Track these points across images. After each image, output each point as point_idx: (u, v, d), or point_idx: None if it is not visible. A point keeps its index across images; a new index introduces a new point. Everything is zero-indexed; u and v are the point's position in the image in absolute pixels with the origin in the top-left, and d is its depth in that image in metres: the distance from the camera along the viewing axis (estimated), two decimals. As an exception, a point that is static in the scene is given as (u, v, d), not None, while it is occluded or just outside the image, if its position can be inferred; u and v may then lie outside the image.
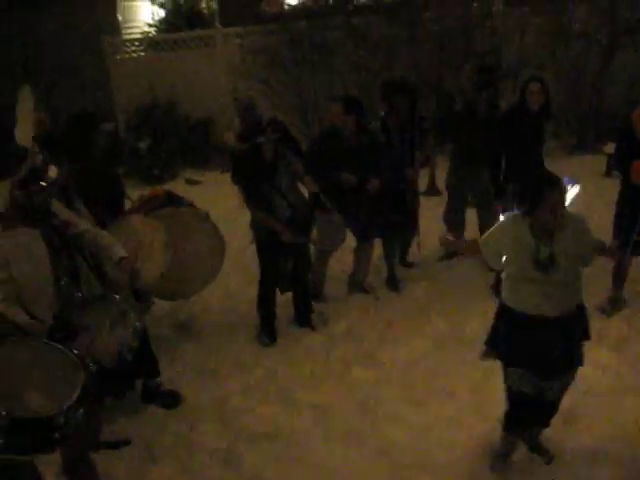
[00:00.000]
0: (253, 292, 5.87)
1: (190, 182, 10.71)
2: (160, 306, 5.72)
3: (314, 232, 5.76)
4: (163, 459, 4.23)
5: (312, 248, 5.77)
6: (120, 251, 3.86)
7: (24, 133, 3.85)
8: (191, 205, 5.53)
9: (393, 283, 6.26)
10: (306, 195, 5.54)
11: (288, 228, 5.18)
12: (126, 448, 4.32)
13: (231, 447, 4.26)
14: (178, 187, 8.86)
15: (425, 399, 4.59)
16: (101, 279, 3.90)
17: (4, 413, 2.89)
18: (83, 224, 3.91)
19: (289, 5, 13.77)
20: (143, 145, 11.22)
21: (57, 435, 3.06)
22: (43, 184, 3.59)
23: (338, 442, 4.24)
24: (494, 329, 3.78)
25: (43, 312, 3.54)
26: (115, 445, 4.31)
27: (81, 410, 3.15)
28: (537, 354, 3.55)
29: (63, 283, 3.60)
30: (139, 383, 4.77)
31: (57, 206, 3.78)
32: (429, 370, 4.93)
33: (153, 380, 4.78)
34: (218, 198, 8.42)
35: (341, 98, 5.92)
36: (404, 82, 6.66)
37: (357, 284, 6.23)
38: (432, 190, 8.15)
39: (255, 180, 5.17)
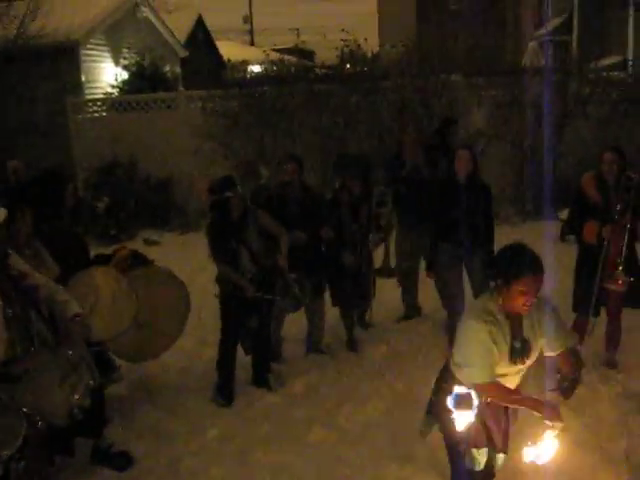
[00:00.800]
0: (209, 352, 5.79)
1: (148, 242, 10.63)
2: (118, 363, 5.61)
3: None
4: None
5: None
6: (75, 307, 3.79)
7: None
8: (152, 262, 5.50)
9: (352, 344, 6.24)
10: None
11: (252, 284, 5.17)
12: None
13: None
14: (136, 247, 8.75)
15: (384, 460, 4.51)
16: (54, 334, 3.80)
17: None
18: (40, 278, 3.84)
19: (252, 72, 14.08)
20: (101, 205, 11.17)
21: None
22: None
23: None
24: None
25: None
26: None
27: (22, 463, 3.01)
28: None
29: (13, 335, 3.49)
30: (89, 443, 4.61)
31: (14, 257, 3.71)
32: (388, 431, 4.86)
33: (104, 441, 4.62)
34: (177, 259, 8.38)
35: (295, 156, 6.19)
36: (357, 156, 6.80)
37: (315, 344, 6.18)
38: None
39: (223, 234, 5.16)
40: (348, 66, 12.47)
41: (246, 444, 4.81)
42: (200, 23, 24.49)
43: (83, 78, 13.86)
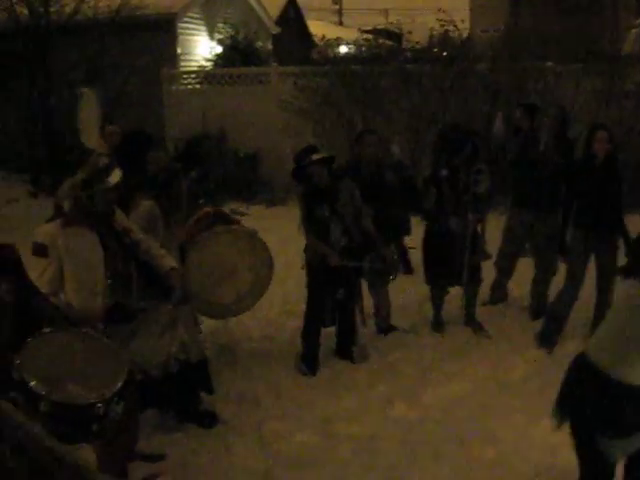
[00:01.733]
0: (293, 324, 5.87)
1: (236, 213, 10.77)
2: (201, 330, 5.74)
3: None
4: (197, 477, 4.18)
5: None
6: (171, 261, 3.91)
7: (87, 135, 3.90)
8: (237, 222, 5.62)
9: (438, 325, 6.18)
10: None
11: (338, 253, 5.19)
12: (160, 463, 4.28)
13: (267, 471, 4.18)
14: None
15: (467, 440, 4.48)
16: (153, 289, 3.93)
17: (45, 395, 2.88)
18: (140, 234, 3.97)
19: (339, 53, 14.05)
20: (192, 174, 11.37)
21: (95, 427, 3.06)
22: (105, 186, 3.66)
23: (377, 475, 4.15)
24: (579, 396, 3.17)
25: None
26: (150, 458, 4.26)
27: (121, 405, 3.13)
28: None
29: (115, 289, 3.63)
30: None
31: (119, 214, 3.85)
32: (472, 412, 4.81)
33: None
34: (264, 230, 8.38)
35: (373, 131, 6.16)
36: (467, 129, 6.60)
37: (384, 319, 6.14)
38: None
39: (313, 202, 5.22)
40: (435, 50, 12.34)
41: (328, 414, 4.85)
42: (292, 1, 24.57)
43: (179, 50, 14.12)
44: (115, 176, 3.79)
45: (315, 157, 5.25)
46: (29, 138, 12.53)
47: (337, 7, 36.71)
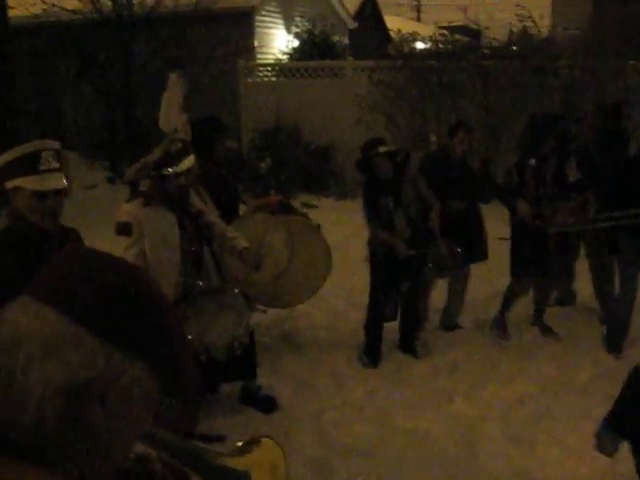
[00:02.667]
0: (357, 316, 5.87)
1: (306, 205, 10.86)
2: (266, 316, 5.82)
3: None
4: (255, 458, 4.24)
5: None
6: (243, 243, 3.98)
7: (166, 119, 3.97)
8: (304, 215, 5.63)
9: (502, 325, 6.05)
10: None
11: (404, 244, 5.16)
12: (219, 444, 4.36)
13: (325, 458, 4.21)
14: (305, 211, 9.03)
15: (529, 440, 4.40)
16: (221, 271, 4.01)
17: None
18: (214, 216, 4.07)
19: (415, 48, 13.92)
20: (264, 165, 11.53)
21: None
22: (174, 171, 3.73)
23: (432, 470, 4.12)
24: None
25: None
26: (209, 439, 4.34)
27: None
28: None
29: (187, 269, 3.72)
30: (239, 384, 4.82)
31: (193, 196, 3.94)
32: (534, 413, 4.73)
33: (253, 383, 4.82)
34: (332, 224, 8.53)
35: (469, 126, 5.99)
36: (556, 116, 6.42)
37: (451, 317, 6.09)
38: None
39: (377, 194, 5.21)
40: (514, 48, 12.10)
41: (388, 406, 4.85)
42: (370, -4, 24.53)
43: (256, 43, 14.29)
44: (188, 162, 3.87)
45: (381, 149, 5.23)
46: (109, 126, 12.90)
47: (415, 3, 36.46)
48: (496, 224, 6.51)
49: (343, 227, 8.60)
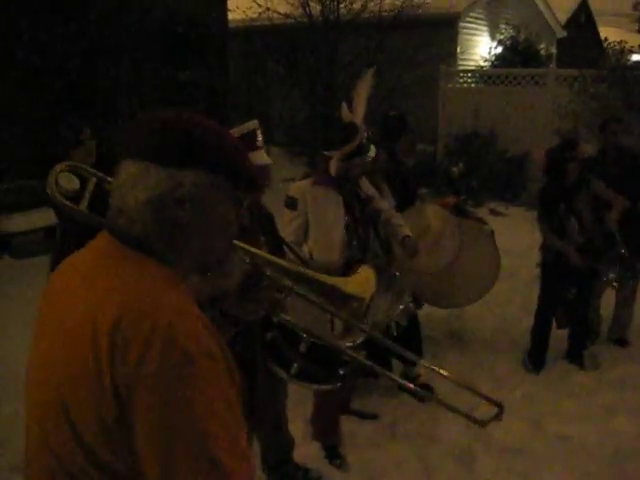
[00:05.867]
0: (529, 322, 5.82)
1: (494, 213, 10.82)
2: (438, 313, 6.04)
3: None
4: (402, 441, 4.44)
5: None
6: (406, 230, 4.18)
7: (355, 111, 4.19)
8: (479, 219, 5.68)
9: None
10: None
11: (577, 252, 5.07)
12: (370, 421, 4.61)
13: (469, 448, 4.31)
14: (481, 215, 9.02)
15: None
16: (387, 255, 4.23)
17: (304, 337, 2.93)
18: (382, 203, 4.30)
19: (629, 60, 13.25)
20: (455, 170, 11.55)
21: (342, 370, 3.09)
22: (364, 161, 4.00)
23: (582, 477, 4.07)
24: None
25: None
26: (362, 415, 4.63)
27: (362, 354, 3.07)
28: None
29: (352, 249, 3.97)
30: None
31: (364, 182, 4.21)
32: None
33: (412, 371, 4.99)
34: (518, 233, 8.51)
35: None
36: None
37: (621, 329, 5.84)
38: None
39: (553, 199, 5.16)
40: None
41: (544, 412, 4.82)
42: (584, 5, 23.55)
43: (458, 49, 14.35)
44: (373, 149, 4.13)
45: (580, 154, 5.12)
46: (310, 123, 13.55)
47: (637, 13, 34.30)
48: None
49: (527, 236, 8.46)
